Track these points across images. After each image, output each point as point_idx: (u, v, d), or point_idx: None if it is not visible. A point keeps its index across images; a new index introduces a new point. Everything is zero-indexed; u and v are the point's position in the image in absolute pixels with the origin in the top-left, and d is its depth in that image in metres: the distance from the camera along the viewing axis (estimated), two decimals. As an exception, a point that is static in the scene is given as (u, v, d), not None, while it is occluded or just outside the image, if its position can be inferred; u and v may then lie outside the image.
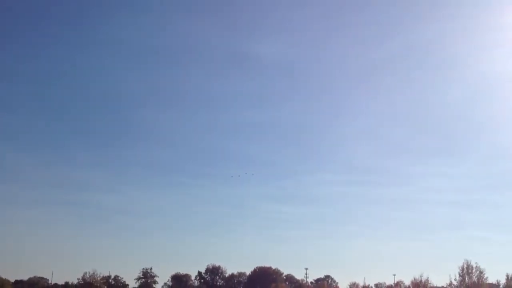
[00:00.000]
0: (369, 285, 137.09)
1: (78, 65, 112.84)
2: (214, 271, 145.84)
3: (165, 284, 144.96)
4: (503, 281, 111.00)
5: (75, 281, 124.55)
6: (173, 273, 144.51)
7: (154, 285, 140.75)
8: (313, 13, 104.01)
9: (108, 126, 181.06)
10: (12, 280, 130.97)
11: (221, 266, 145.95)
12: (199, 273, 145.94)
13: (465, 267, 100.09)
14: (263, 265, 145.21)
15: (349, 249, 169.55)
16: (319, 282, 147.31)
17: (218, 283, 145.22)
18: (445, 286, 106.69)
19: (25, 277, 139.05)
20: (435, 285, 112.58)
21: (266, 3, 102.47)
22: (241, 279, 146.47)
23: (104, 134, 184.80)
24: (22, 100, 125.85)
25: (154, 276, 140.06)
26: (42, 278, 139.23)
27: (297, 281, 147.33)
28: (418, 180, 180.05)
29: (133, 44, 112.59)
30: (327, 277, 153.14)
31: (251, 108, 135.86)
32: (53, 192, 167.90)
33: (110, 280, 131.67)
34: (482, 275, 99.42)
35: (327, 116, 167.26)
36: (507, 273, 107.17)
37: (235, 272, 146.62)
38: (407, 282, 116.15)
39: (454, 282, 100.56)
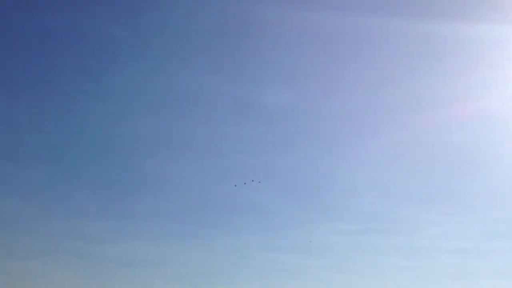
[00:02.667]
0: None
1: (83, 113, 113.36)
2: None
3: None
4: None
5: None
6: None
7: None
8: (320, 59, 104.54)
9: (113, 175, 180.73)
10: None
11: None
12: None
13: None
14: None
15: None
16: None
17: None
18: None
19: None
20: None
21: (272, 50, 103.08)
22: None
23: (109, 183, 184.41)
24: (24, 148, 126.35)
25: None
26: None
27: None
28: (426, 227, 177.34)
29: (138, 93, 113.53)
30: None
31: (259, 156, 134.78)
32: (56, 242, 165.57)
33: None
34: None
35: (334, 164, 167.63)
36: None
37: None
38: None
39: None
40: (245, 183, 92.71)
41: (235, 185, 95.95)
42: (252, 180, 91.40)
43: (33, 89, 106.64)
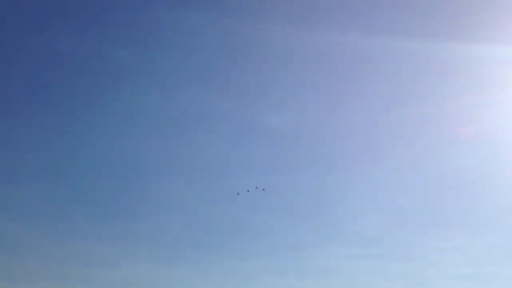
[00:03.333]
0: None
1: (83, 134, 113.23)
2: None
3: None
4: None
5: None
6: None
7: None
8: (323, 80, 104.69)
9: (115, 197, 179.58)
10: None
11: None
12: None
13: None
14: None
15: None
16: None
17: None
18: None
19: None
20: None
21: (275, 70, 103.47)
22: None
23: (111, 205, 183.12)
24: (25, 169, 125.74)
25: None
26: None
27: None
28: (430, 252, 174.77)
29: (141, 114, 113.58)
30: None
31: (262, 177, 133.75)
32: (54, 265, 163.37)
33: None
34: None
35: (337, 185, 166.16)
36: None
37: None
38: None
39: None
40: (248, 191, 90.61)
41: (238, 193, 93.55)
42: (256, 187, 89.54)
43: (37, 109, 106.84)
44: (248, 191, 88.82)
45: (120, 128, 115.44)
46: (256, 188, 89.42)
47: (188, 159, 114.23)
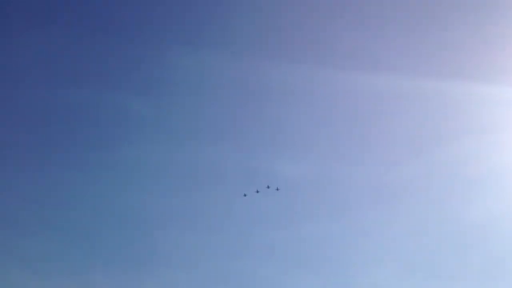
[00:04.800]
0: None
1: (94, 186, 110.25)
2: None
3: None
4: None
5: None
6: None
7: None
8: (334, 131, 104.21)
9: (123, 249, 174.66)
10: None
11: None
12: None
13: None
14: None
15: None
16: None
17: None
18: None
19: None
20: None
21: (286, 120, 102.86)
22: None
23: (118, 257, 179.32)
24: (33, 221, 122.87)
25: None
26: None
27: None
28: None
29: (150, 165, 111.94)
30: None
31: (271, 228, 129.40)
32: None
33: None
34: None
35: (349, 235, 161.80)
36: None
37: None
38: None
39: None
40: (257, 191, 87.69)
41: (245, 195, 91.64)
42: (268, 187, 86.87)
43: (45, 160, 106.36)
44: (257, 191, 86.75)
45: (129, 179, 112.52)
46: (268, 187, 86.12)
47: (198, 212, 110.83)
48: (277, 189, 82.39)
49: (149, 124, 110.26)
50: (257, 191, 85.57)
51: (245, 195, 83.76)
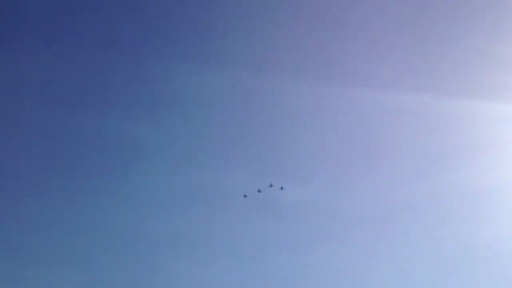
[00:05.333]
0: None
1: (101, 212, 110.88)
2: None
3: None
4: None
5: None
6: None
7: None
8: (339, 152, 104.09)
9: (130, 275, 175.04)
10: None
11: None
12: None
13: None
14: None
15: None
16: None
17: None
18: None
19: None
20: None
21: (292, 145, 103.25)
22: None
23: (127, 285, 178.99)
24: (39, 248, 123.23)
25: None
26: None
27: None
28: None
29: (156, 192, 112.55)
30: None
31: (276, 254, 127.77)
32: None
33: None
34: None
35: (353, 262, 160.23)
36: None
37: None
38: None
39: None
40: (259, 191, 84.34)
41: (245, 195, 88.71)
42: (271, 185, 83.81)
43: (49, 187, 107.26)
44: (259, 191, 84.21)
45: (136, 205, 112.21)
46: (271, 186, 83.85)
47: (203, 237, 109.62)
48: (282, 188, 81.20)
49: (152, 148, 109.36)
50: (259, 191, 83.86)
51: (245, 195, 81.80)
